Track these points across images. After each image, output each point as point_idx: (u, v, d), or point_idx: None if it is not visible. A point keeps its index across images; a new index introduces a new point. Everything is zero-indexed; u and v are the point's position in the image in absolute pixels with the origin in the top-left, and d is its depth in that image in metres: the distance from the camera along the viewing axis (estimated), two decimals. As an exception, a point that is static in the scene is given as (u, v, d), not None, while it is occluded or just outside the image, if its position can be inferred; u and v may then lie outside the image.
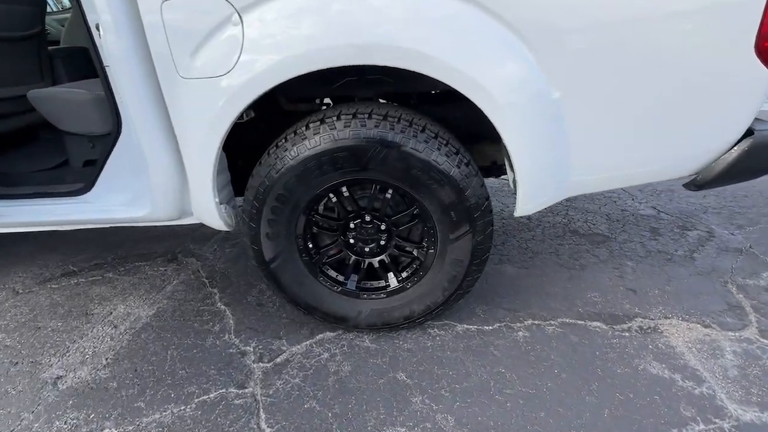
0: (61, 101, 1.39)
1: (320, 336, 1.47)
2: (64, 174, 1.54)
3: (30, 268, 2.01)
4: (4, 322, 1.63)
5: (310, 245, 1.33)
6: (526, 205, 1.20)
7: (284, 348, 1.42)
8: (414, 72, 1.02)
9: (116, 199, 1.39)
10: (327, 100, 1.62)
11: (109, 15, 1.04)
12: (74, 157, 1.57)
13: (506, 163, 1.32)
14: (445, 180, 1.12)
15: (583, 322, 1.44)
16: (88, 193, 1.40)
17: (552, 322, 1.45)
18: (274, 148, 1.15)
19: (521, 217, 2.22)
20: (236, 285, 1.79)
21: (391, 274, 1.38)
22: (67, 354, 1.45)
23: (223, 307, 1.66)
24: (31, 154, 1.76)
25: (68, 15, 3.14)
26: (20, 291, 1.84)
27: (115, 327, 1.57)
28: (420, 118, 1.16)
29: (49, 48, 1.93)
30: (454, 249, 1.24)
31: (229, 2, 1.00)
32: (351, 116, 1.10)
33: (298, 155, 1.11)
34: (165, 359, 1.40)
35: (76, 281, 1.88)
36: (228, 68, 1.04)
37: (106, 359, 1.41)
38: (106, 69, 1.15)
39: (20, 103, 1.79)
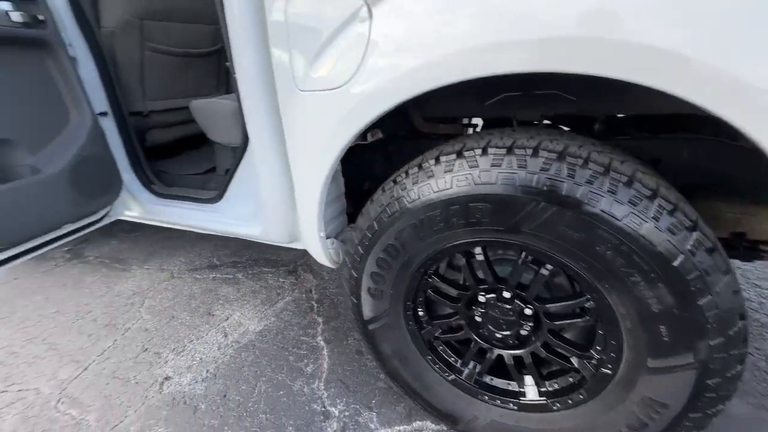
0: (208, 111, 1.44)
1: (418, 424, 1.13)
2: (209, 180, 1.62)
3: (189, 254, 2.28)
4: (154, 303, 1.83)
5: (422, 313, 1.00)
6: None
7: (372, 426, 1.13)
8: (635, 86, 0.59)
9: (238, 213, 1.35)
10: (476, 121, 1.27)
11: (236, 19, 0.94)
12: (219, 164, 1.65)
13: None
14: (662, 272, 0.64)
15: None
16: (218, 203, 1.40)
17: None
18: (391, 184, 0.87)
19: None
20: (341, 319, 1.61)
21: (530, 379, 0.94)
22: (182, 353, 1.49)
23: (322, 342, 1.49)
24: (191, 157, 1.96)
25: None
26: (175, 275, 2.07)
27: (226, 336, 1.56)
28: (623, 160, 0.70)
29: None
30: (652, 383, 0.73)
31: (358, -7, 0.76)
32: (504, 150, 0.73)
33: (419, 198, 0.80)
34: (252, 392, 1.29)
35: (213, 276, 2.03)
36: (347, 78, 0.81)
37: (207, 371, 1.39)
38: (235, 78, 1.08)
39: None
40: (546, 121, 1.08)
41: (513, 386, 0.97)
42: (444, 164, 0.78)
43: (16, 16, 1.09)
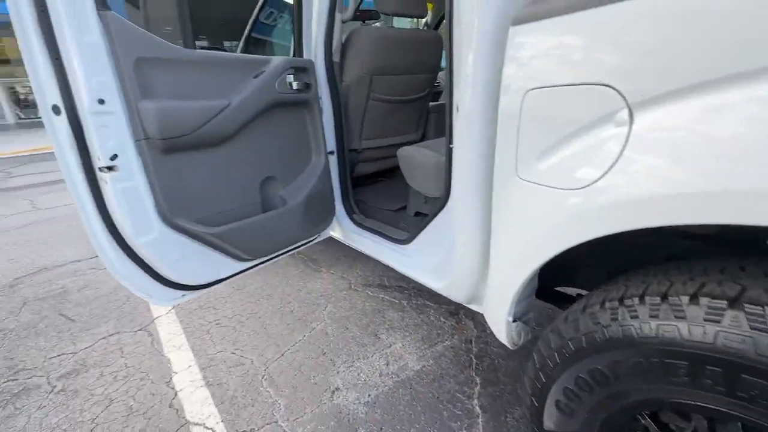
0: (414, 161, 1.57)
1: None
2: (400, 219, 1.77)
3: (365, 268, 2.57)
4: (335, 309, 2.13)
5: (621, 451, 0.84)
6: None
7: None
8: None
9: (424, 261, 1.43)
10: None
11: (469, 97, 0.97)
12: (411, 205, 1.78)
13: None
14: None
15: None
16: (407, 246, 1.51)
17: None
18: (615, 303, 0.75)
19: None
20: (501, 387, 1.51)
21: None
22: (351, 368, 1.68)
23: (478, 409, 1.43)
24: (385, 191, 2.18)
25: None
26: (352, 286, 2.36)
27: (387, 364, 1.68)
28: None
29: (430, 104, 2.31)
30: None
31: (620, 94, 0.67)
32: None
33: (656, 337, 0.65)
34: (405, 437, 1.34)
35: (382, 296, 2.22)
36: (587, 182, 0.73)
37: (369, 396, 1.52)
38: (451, 148, 1.13)
39: (393, 149, 2.24)
40: None
41: None
42: (705, 309, 0.61)
43: (295, 85, 1.43)
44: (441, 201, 1.30)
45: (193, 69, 1.16)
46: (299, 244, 1.66)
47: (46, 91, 0.95)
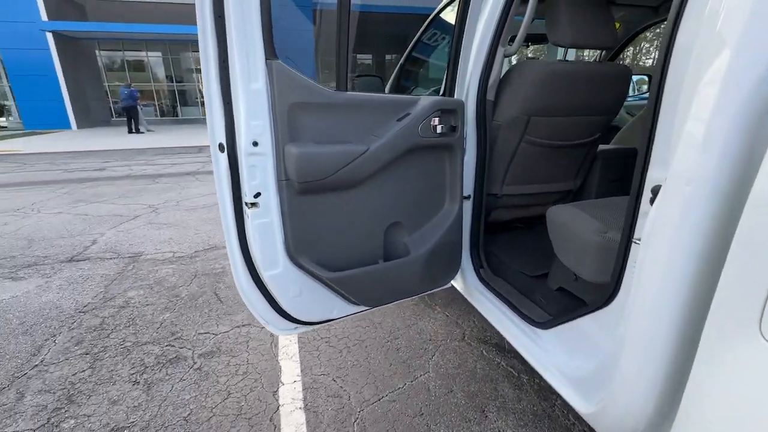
0: (568, 230, 1.26)
1: None
2: (537, 289, 1.47)
3: (484, 319, 2.30)
4: (442, 361, 1.94)
5: None
6: None
7: None
8: None
9: (565, 364, 1.13)
10: None
11: (693, 164, 0.67)
12: (554, 275, 1.46)
13: None
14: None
15: None
16: (543, 332, 1.23)
17: None
18: None
19: None
20: None
21: None
22: (447, 444, 1.48)
23: None
24: (522, 246, 1.87)
25: (640, 103, 3.07)
26: (466, 337, 2.13)
27: (490, 457, 1.42)
28: None
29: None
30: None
31: None
32: None
33: None
34: None
35: (498, 361, 1.93)
36: None
37: (462, 492, 1.30)
38: (635, 242, 0.82)
39: (540, 198, 1.90)
40: None
41: None
42: None
43: (440, 128, 1.31)
44: (604, 293, 0.99)
45: (338, 112, 1.15)
46: (416, 296, 1.55)
47: (216, 131, 1.06)
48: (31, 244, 3.54)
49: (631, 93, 3.13)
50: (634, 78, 4.07)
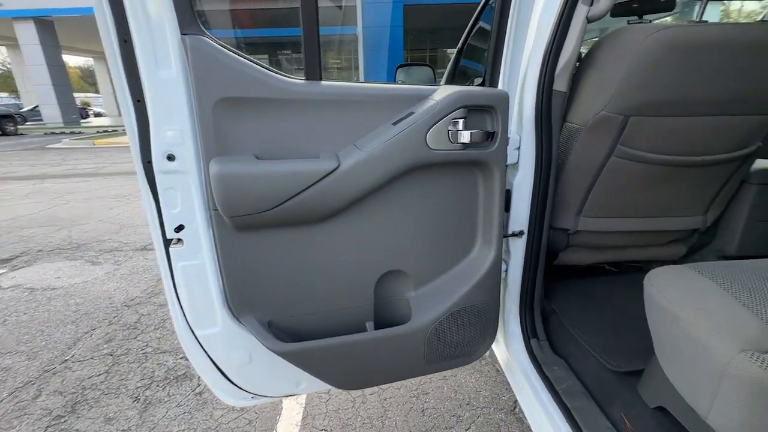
0: (671, 316, 0.69)
1: None
2: (620, 396, 0.91)
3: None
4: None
5: None
6: None
7: None
8: None
9: None
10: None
11: None
12: (649, 382, 0.88)
13: None
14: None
15: None
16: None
17: None
18: None
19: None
20: None
21: None
22: None
23: None
24: (612, 314, 1.24)
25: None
26: (517, 409, 1.60)
27: None
28: None
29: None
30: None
31: None
32: None
33: None
34: None
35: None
36: None
37: None
38: None
39: (639, 237, 1.27)
40: None
41: None
42: None
43: (465, 136, 0.84)
44: None
45: (300, 112, 0.78)
46: (424, 375, 1.11)
47: (130, 138, 0.78)
48: (120, 230, 3.92)
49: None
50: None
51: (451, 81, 2.05)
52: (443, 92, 0.85)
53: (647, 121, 0.98)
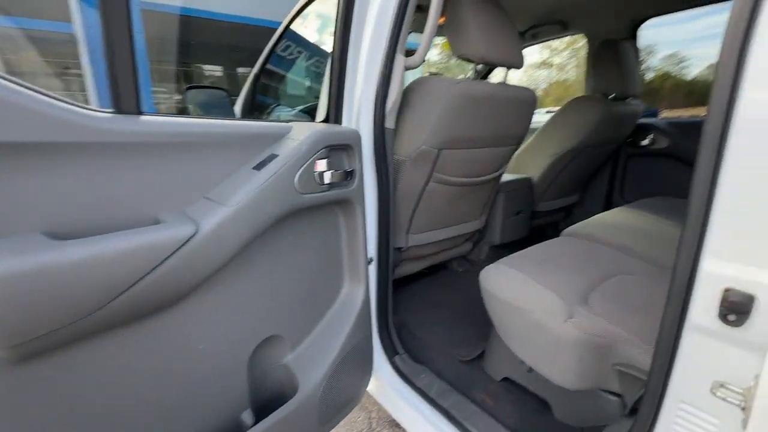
0: (505, 304, 0.91)
1: None
2: (475, 382, 1.10)
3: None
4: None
5: None
6: None
7: None
8: None
9: None
10: None
11: None
12: (493, 358, 1.11)
13: None
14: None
15: None
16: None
17: None
18: None
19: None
20: None
21: None
22: None
23: None
24: (450, 314, 1.49)
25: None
26: (372, 425, 1.66)
27: None
28: None
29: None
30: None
31: None
32: None
33: None
34: None
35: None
36: None
37: None
38: None
39: (449, 242, 1.59)
40: None
41: None
42: None
43: (328, 176, 0.80)
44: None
45: (112, 157, 0.54)
46: None
47: None
48: None
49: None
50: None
51: (249, 112, 1.91)
52: (301, 131, 0.78)
53: (451, 153, 1.22)
